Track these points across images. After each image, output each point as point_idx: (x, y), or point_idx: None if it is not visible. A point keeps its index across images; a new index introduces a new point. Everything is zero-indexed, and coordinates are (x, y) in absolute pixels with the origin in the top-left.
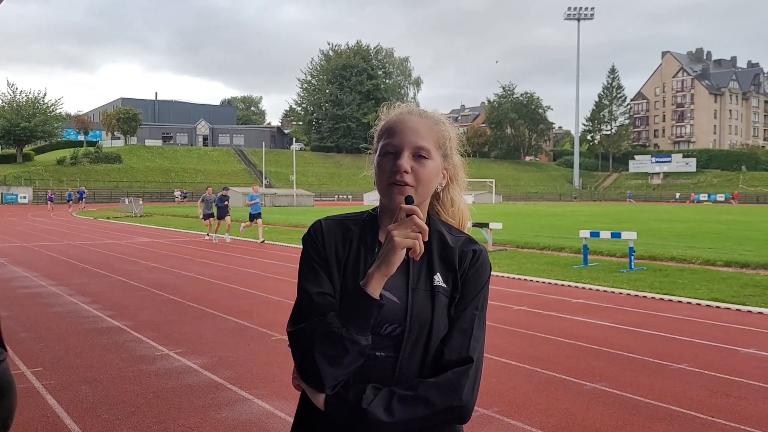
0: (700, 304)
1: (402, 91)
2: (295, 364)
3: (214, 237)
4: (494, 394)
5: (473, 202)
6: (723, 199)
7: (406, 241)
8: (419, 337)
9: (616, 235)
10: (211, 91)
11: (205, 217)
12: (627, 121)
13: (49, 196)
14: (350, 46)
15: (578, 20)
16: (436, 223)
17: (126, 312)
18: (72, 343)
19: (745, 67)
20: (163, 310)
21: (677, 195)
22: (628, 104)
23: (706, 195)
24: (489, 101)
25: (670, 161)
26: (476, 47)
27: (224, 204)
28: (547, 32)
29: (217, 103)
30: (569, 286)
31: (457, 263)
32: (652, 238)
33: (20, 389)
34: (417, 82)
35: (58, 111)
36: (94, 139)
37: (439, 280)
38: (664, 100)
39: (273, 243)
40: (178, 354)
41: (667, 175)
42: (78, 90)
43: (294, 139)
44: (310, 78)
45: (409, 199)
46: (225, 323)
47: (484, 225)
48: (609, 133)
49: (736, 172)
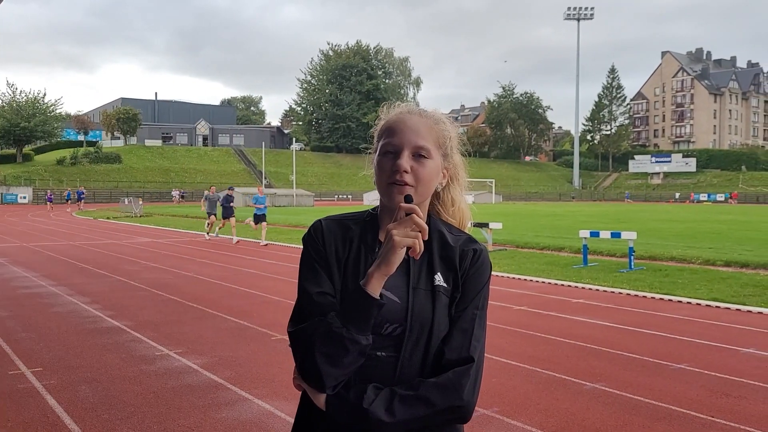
0: (700, 304)
1: (402, 91)
2: (296, 364)
3: (215, 234)
4: (494, 394)
5: (473, 202)
6: (722, 198)
7: (405, 240)
8: (420, 336)
9: (616, 235)
10: (210, 91)
11: (209, 215)
12: (627, 121)
13: (48, 196)
14: (350, 46)
15: (578, 20)
16: (436, 223)
17: (126, 312)
18: (72, 343)
19: (744, 67)
20: (163, 310)
21: (677, 195)
22: (628, 104)
23: (706, 195)
24: (489, 101)
25: (670, 161)
26: (476, 47)
27: (230, 205)
28: (547, 32)
29: (217, 103)
30: (569, 286)
31: (457, 263)
32: (652, 238)
33: (20, 389)
34: (417, 82)
35: (58, 111)
36: (94, 139)
37: (439, 279)
38: (664, 100)
39: (273, 243)
40: (178, 354)
41: (667, 175)
42: (78, 90)
43: (294, 139)
44: (309, 78)
45: (408, 198)
46: (225, 323)
47: (484, 225)
48: (609, 133)
49: (736, 172)
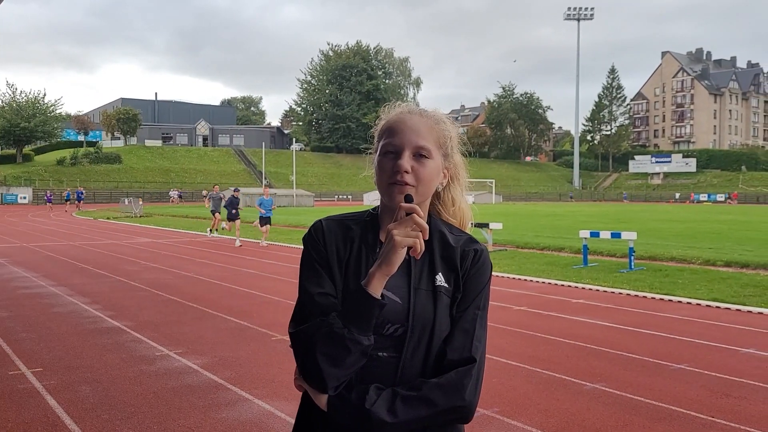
0: (700, 304)
1: (402, 92)
2: (297, 364)
3: (215, 233)
4: (494, 394)
5: (473, 202)
6: (722, 198)
7: (406, 240)
8: (421, 337)
9: (616, 236)
10: (210, 92)
11: (213, 214)
12: (627, 122)
13: (47, 196)
14: (350, 46)
15: (578, 20)
16: (437, 223)
17: (126, 312)
18: (72, 344)
19: (744, 67)
20: (163, 311)
21: (677, 195)
22: (628, 104)
23: (706, 195)
24: (489, 101)
25: (670, 161)
26: (476, 47)
27: (236, 209)
28: (547, 32)
29: (217, 103)
30: (569, 286)
31: (458, 263)
32: (652, 238)
33: (20, 390)
34: (417, 83)
35: (58, 111)
36: (94, 140)
37: (441, 279)
38: (664, 100)
39: (273, 243)
40: (178, 354)
41: (667, 175)
42: (78, 90)
43: (294, 139)
44: (309, 78)
45: (408, 198)
46: (225, 323)
47: (484, 225)
48: (609, 133)
49: (736, 172)
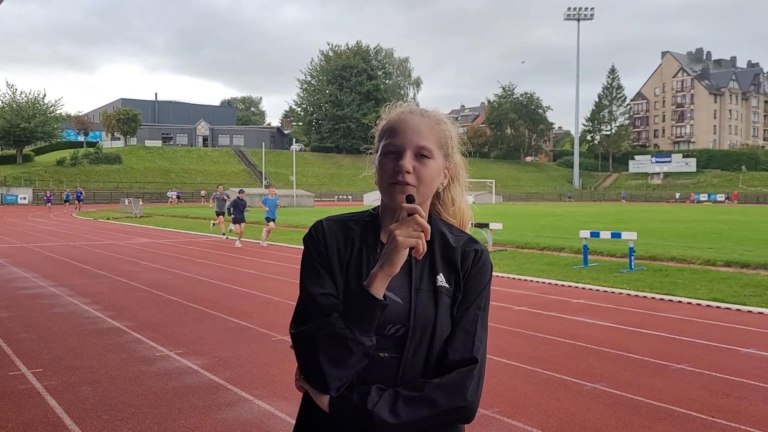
0: (700, 304)
1: (402, 92)
2: (299, 365)
3: (225, 236)
4: (495, 394)
5: (473, 203)
6: (722, 198)
7: (408, 241)
8: (423, 337)
9: (616, 236)
10: (210, 92)
11: (217, 215)
12: (627, 122)
13: (47, 196)
14: (350, 46)
15: (578, 20)
16: (437, 223)
17: (126, 313)
18: (72, 344)
19: (744, 67)
20: (163, 311)
21: (677, 195)
22: (628, 104)
23: (706, 195)
24: (489, 101)
25: (670, 161)
26: (476, 47)
27: (243, 213)
28: (547, 32)
29: (217, 103)
30: (569, 286)
31: (459, 263)
32: (652, 239)
33: (20, 390)
34: (417, 83)
35: (58, 112)
36: (94, 140)
37: (442, 280)
38: (664, 100)
39: (273, 244)
40: (179, 355)
41: (667, 175)
42: (78, 90)
43: (294, 139)
44: (309, 78)
45: (410, 198)
46: (225, 324)
47: (484, 225)
48: (609, 133)
49: (736, 172)
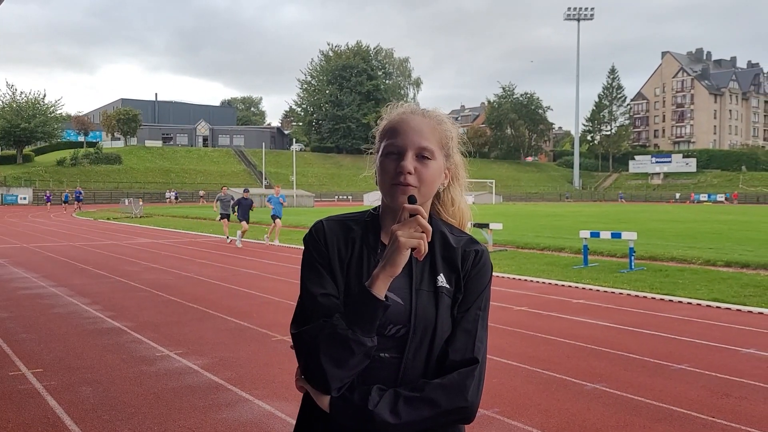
0: (700, 305)
1: (402, 92)
2: (300, 365)
3: (238, 241)
4: (495, 394)
5: (473, 203)
6: (722, 199)
7: (410, 242)
8: (423, 338)
9: (617, 236)
10: (210, 92)
11: (221, 218)
12: (627, 122)
13: (47, 197)
14: (350, 46)
15: (578, 20)
16: (437, 224)
17: (126, 313)
18: (72, 344)
19: (745, 67)
20: (163, 311)
21: (677, 195)
22: (628, 104)
23: (706, 195)
24: (489, 102)
25: (670, 161)
26: (476, 47)
27: (249, 211)
28: (547, 32)
29: (217, 103)
30: (569, 286)
31: (459, 264)
32: (653, 239)
33: (20, 390)
34: (417, 83)
35: (58, 112)
36: (94, 140)
37: (442, 280)
38: (664, 101)
39: (273, 244)
40: (179, 355)
41: (667, 175)
42: (78, 90)
43: (294, 139)
44: (309, 78)
45: (411, 199)
46: (225, 324)
47: (484, 225)
48: (609, 133)
49: (736, 173)
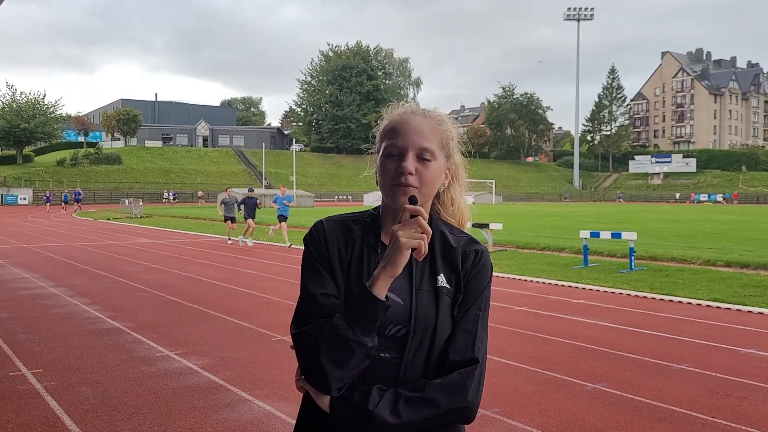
0: (700, 305)
1: (402, 92)
2: (300, 365)
3: (249, 240)
4: (495, 394)
5: (473, 203)
6: (720, 199)
7: (411, 242)
8: (423, 338)
9: (617, 236)
10: (210, 92)
11: (226, 220)
12: (627, 122)
13: (46, 197)
14: (350, 46)
15: (578, 20)
16: (438, 224)
17: (126, 313)
18: (72, 345)
19: (744, 67)
20: (163, 311)
21: (677, 195)
22: (628, 104)
23: (706, 195)
24: (489, 102)
25: (670, 161)
26: (476, 47)
27: (254, 210)
28: (547, 32)
29: (217, 104)
30: (569, 286)
31: (459, 264)
32: (653, 239)
33: (20, 390)
34: (417, 83)
35: (58, 112)
36: (94, 140)
37: (442, 280)
38: (664, 101)
39: (273, 244)
40: (179, 355)
41: (667, 175)
42: (78, 91)
43: (294, 139)
44: (309, 79)
45: (412, 200)
46: (225, 324)
47: (484, 226)
48: (609, 133)
49: (736, 173)
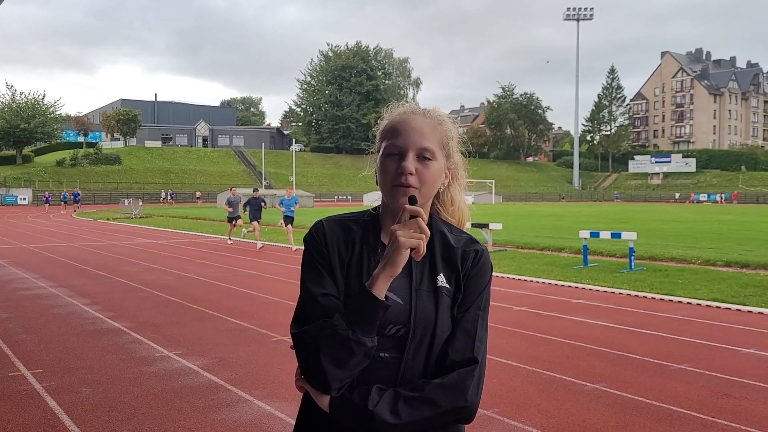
0: (700, 305)
1: (401, 92)
2: (300, 365)
3: (258, 243)
4: (495, 394)
5: (473, 203)
6: (718, 199)
7: (410, 242)
8: (423, 338)
9: (616, 236)
10: (210, 92)
11: (230, 221)
12: (626, 122)
13: (45, 197)
14: (350, 46)
15: (578, 20)
16: (437, 223)
17: (126, 313)
18: (72, 345)
19: (744, 67)
20: (163, 312)
21: (677, 195)
22: (628, 104)
23: (706, 195)
24: (488, 102)
25: (670, 161)
26: (476, 47)
27: (259, 210)
28: (547, 32)
29: (217, 104)
30: (569, 286)
31: (459, 263)
32: (652, 239)
33: (20, 391)
34: (416, 83)
35: (57, 112)
36: (94, 141)
37: (442, 280)
38: (664, 101)
39: (273, 244)
40: (178, 355)
41: (666, 175)
42: (77, 91)
43: (294, 140)
44: (309, 79)
45: (412, 200)
46: (225, 324)
47: (484, 226)
48: (608, 133)
49: (735, 172)
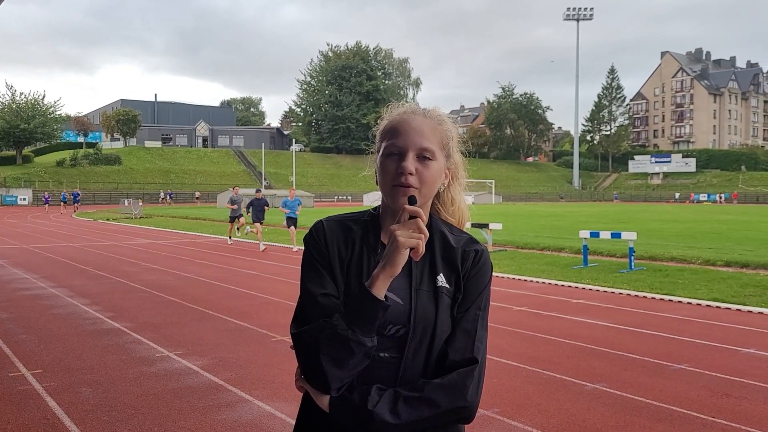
0: (700, 304)
1: (401, 92)
2: (300, 365)
3: (261, 244)
4: (495, 394)
5: (473, 203)
6: (719, 200)
7: (410, 241)
8: (423, 338)
9: (616, 236)
10: (210, 92)
11: (232, 220)
12: (626, 122)
13: (45, 198)
14: (349, 47)
15: (577, 20)
16: (437, 223)
17: (126, 313)
18: (72, 345)
19: (744, 67)
20: (163, 312)
21: (677, 195)
22: (628, 104)
23: (706, 195)
24: (488, 102)
25: (670, 161)
26: (476, 47)
27: (263, 211)
28: (547, 32)
29: (217, 104)
30: (569, 286)
31: (459, 263)
32: (652, 239)
33: (20, 391)
34: (416, 83)
35: (57, 113)
36: (94, 141)
37: (442, 280)
38: (664, 100)
39: (272, 244)
40: (178, 355)
41: (666, 175)
42: (77, 91)
43: (293, 140)
44: (309, 79)
45: (412, 200)
46: (225, 324)
47: (483, 226)
48: (608, 133)
49: (735, 172)
